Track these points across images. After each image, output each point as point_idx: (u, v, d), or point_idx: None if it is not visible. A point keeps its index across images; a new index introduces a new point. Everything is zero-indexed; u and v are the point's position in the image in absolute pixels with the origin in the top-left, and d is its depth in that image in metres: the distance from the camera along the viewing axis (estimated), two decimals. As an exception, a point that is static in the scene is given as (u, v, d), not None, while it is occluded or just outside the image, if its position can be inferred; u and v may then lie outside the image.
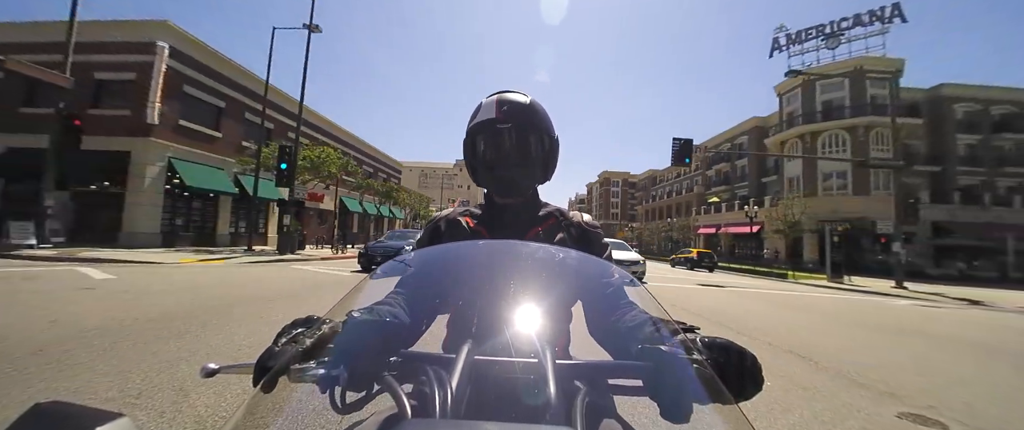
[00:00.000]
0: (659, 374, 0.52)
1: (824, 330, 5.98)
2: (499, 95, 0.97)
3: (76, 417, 0.38)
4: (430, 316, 0.80)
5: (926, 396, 3.16)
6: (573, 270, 0.81)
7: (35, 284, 6.04)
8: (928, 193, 28.56)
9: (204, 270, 9.24)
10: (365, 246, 13.15)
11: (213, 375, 0.60)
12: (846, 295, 12.50)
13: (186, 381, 2.56)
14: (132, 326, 3.86)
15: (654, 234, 55.53)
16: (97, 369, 2.72)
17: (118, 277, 7.23)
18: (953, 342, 5.61)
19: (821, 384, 3.28)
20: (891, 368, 3.92)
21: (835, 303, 9.95)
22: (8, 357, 2.85)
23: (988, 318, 8.69)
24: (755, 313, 7.36)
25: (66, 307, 4.53)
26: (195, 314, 4.51)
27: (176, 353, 3.14)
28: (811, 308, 8.60)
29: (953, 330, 6.65)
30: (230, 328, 4.03)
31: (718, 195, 42.89)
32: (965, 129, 30.70)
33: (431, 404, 0.46)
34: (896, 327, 6.62)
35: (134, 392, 2.39)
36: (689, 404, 0.49)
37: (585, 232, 1.02)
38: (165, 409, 2.19)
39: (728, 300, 9.30)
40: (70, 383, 2.49)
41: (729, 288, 12.51)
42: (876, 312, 8.59)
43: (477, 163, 1.00)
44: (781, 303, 9.22)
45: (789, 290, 13.24)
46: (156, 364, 2.86)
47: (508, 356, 0.56)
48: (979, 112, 30.73)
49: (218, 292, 6.13)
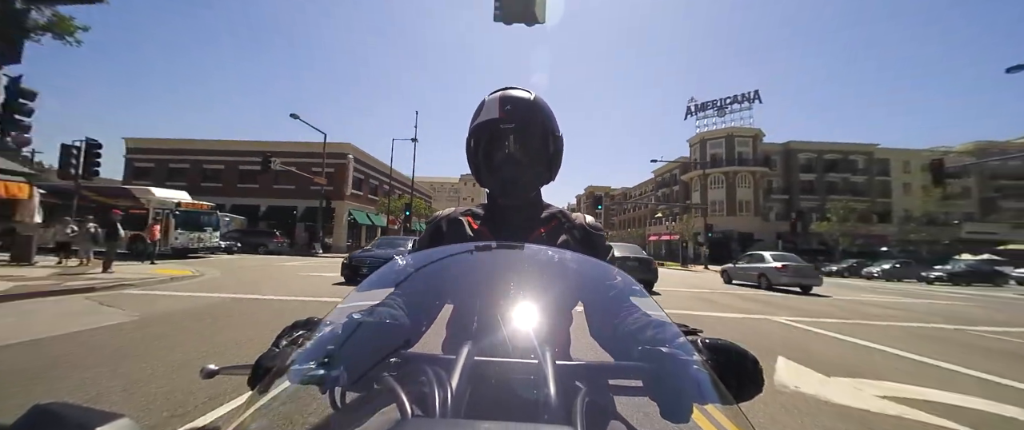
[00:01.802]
0: (659, 375, 0.52)
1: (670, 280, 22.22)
2: (502, 92, 0.93)
3: (76, 417, 0.37)
4: (430, 317, 0.79)
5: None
6: (574, 272, 0.81)
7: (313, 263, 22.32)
8: (779, 212, 44.86)
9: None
10: (349, 256, 12.06)
11: (213, 376, 0.62)
12: (696, 274, 28.28)
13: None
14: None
15: (624, 240, 71.99)
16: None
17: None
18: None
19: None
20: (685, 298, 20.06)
21: (684, 276, 24.96)
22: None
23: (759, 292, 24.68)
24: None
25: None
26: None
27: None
28: (670, 278, 21.32)
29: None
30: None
31: (661, 211, 59.16)
32: (805, 170, 47.18)
33: (431, 404, 0.46)
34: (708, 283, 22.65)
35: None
36: (689, 404, 0.49)
37: (588, 234, 1.00)
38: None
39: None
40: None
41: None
42: (700, 278, 23.73)
43: (480, 163, 0.97)
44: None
45: (671, 272, 28.09)
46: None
47: (508, 357, 0.56)
48: (815, 158, 47.24)
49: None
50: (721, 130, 46.59)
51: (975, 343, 6.10)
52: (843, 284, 20.13)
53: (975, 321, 8.40)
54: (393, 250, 11.23)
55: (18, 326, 4.82)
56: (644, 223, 66.88)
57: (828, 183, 46.74)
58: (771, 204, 45.99)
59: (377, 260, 10.34)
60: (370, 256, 11.26)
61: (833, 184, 46.78)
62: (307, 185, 27.99)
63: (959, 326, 7.65)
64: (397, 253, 6.06)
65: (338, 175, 30.74)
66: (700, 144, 48.04)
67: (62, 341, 4.24)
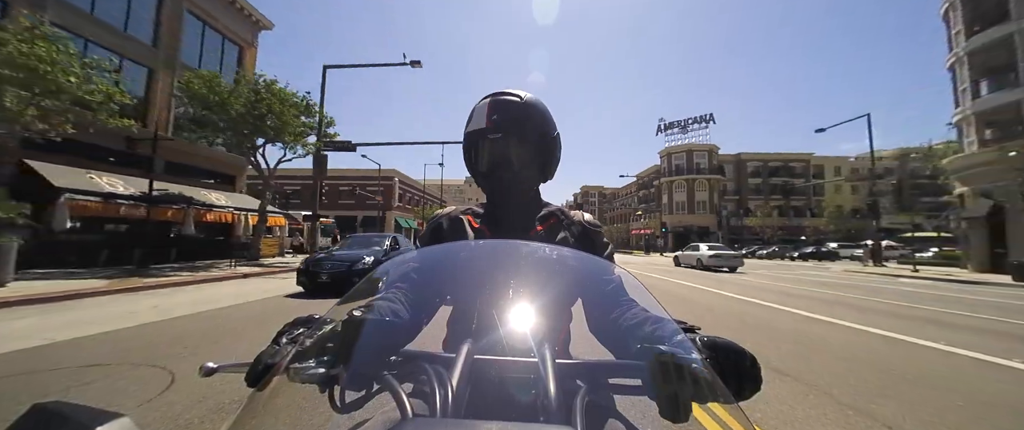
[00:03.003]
0: (658, 373, 0.51)
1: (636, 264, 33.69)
2: (492, 99, 0.93)
3: (76, 417, 0.37)
4: (430, 315, 0.79)
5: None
6: (573, 269, 0.81)
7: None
8: (730, 210, 55.76)
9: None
10: (305, 260, 9.47)
11: (212, 374, 0.61)
12: (653, 259, 39.35)
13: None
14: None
15: (613, 234, 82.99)
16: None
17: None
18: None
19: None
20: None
21: (647, 260, 36.45)
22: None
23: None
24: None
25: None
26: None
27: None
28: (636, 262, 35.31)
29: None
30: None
31: (641, 210, 70.11)
32: (754, 175, 57.97)
33: (431, 403, 0.46)
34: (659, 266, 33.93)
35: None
36: (688, 403, 0.49)
37: (586, 231, 1.01)
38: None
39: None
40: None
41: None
42: (652, 261, 35.38)
43: (476, 168, 0.99)
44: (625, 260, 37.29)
45: (636, 258, 39.42)
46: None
47: (508, 355, 0.56)
48: (761, 166, 58.00)
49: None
50: (682, 145, 57.46)
51: (794, 292, 15.03)
52: (761, 264, 27.05)
53: (801, 282, 13.99)
54: (365, 250, 9.83)
55: (238, 292, 8.56)
56: (628, 220, 77.85)
57: (771, 186, 57.57)
58: (726, 203, 56.84)
59: (339, 265, 8.65)
60: (332, 261, 8.94)
61: (775, 186, 57.61)
62: (364, 201, 39.45)
63: (786, 286, 14.34)
64: (369, 253, 9.35)
65: (387, 192, 41.91)
66: (667, 156, 58.94)
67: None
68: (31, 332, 4.85)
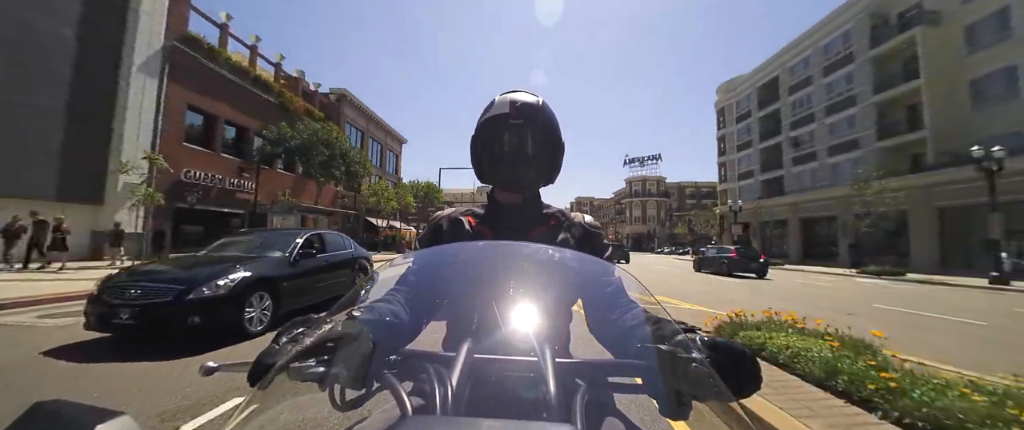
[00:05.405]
0: (659, 372, 0.52)
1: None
2: (512, 94, 0.97)
3: (77, 415, 0.37)
4: (430, 315, 0.80)
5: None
6: (573, 270, 0.81)
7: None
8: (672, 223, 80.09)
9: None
10: (99, 282, 4.39)
11: (212, 373, 0.61)
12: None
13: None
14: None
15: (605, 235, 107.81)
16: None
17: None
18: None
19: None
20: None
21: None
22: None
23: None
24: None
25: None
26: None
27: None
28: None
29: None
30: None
31: (613, 221, 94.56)
32: (690, 198, 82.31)
33: (431, 402, 0.46)
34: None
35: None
36: (689, 401, 0.49)
37: (587, 232, 1.02)
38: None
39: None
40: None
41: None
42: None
43: (485, 158, 0.99)
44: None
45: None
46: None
47: (508, 354, 0.56)
48: (694, 190, 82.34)
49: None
50: (639, 177, 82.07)
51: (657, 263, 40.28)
52: (667, 258, 46.87)
53: (661, 262, 35.71)
54: (218, 266, 4.70)
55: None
56: (607, 227, 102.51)
57: (701, 204, 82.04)
58: (672, 217, 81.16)
59: (159, 292, 4.10)
60: (144, 285, 4.18)
61: (703, 205, 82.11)
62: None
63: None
64: (248, 266, 4.59)
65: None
66: (630, 183, 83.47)
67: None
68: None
